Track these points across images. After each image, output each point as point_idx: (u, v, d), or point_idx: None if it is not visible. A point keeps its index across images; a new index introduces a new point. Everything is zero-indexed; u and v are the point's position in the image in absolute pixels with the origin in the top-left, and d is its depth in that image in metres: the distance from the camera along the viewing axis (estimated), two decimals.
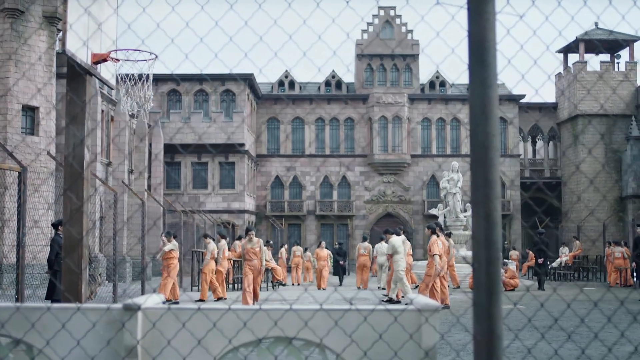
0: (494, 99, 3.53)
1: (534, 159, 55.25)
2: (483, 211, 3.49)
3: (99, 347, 3.66)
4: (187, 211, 30.61)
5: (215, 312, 3.65)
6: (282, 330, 3.59)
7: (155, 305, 3.74)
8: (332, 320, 3.58)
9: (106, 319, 3.71)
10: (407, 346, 3.63)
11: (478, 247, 3.49)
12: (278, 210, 50.37)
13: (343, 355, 3.63)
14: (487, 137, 3.51)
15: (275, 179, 51.48)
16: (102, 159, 34.43)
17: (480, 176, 3.52)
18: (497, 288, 3.46)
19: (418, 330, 3.59)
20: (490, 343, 3.45)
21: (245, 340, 3.65)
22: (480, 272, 3.47)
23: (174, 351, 3.66)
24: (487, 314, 3.46)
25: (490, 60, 3.56)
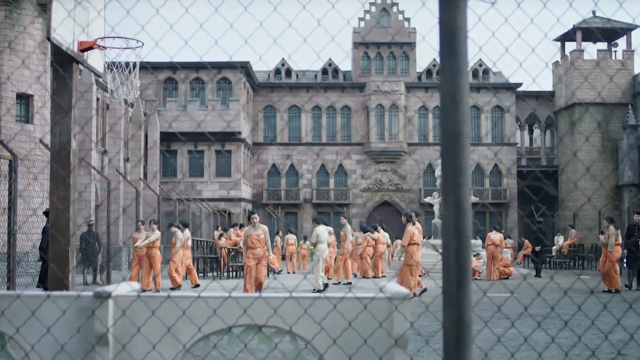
0: (465, 86, 3.51)
1: (531, 147, 55.24)
2: (453, 199, 3.49)
3: (69, 335, 3.66)
4: (182, 199, 30.60)
5: (185, 300, 3.65)
6: (252, 318, 3.59)
7: (126, 293, 3.74)
8: (302, 308, 3.58)
9: (77, 307, 3.71)
10: (378, 334, 3.63)
11: (447, 235, 3.48)
12: (275, 199, 50.38)
13: (313, 342, 3.64)
14: (457, 125, 3.50)
15: (272, 167, 51.48)
16: (98, 148, 34.40)
17: (450, 164, 3.51)
18: (467, 276, 3.45)
19: (388, 318, 3.59)
20: (459, 331, 3.46)
21: (215, 329, 3.65)
22: (449, 260, 3.46)
23: (145, 339, 3.65)
24: (456, 302, 3.46)
25: (460, 48, 3.54)
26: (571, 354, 7.36)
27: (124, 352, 3.68)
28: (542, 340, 8.79)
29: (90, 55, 9.76)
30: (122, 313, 3.65)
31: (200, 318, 3.64)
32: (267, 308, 3.60)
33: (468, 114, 3.54)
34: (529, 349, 8.16)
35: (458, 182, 3.48)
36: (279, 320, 3.59)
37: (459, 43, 3.55)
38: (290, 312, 3.61)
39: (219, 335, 3.68)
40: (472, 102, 52.48)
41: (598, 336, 9.10)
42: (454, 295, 3.45)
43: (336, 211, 50.93)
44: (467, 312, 3.46)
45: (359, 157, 51.70)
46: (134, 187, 22.42)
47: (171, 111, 43.94)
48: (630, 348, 8.25)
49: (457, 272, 3.45)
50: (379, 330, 3.61)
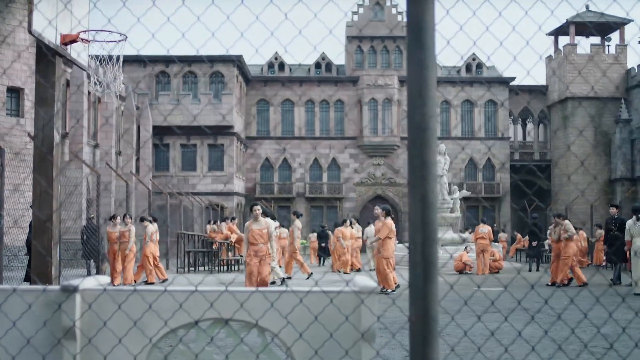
0: (432, 80, 3.50)
1: (524, 141, 55.30)
2: (419, 193, 3.48)
3: (35, 329, 3.65)
4: (174, 193, 30.57)
5: (151, 294, 3.64)
6: (219, 312, 3.59)
7: (93, 286, 3.73)
8: (269, 301, 3.58)
9: (43, 301, 3.70)
10: (345, 328, 3.63)
11: (414, 229, 3.48)
12: (268, 193, 50.35)
13: (281, 336, 3.63)
14: (424, 119, 3.49)
15: (265, 161, 51.44)
16: (90, 141, 34.32)
17: (417, 158, 3.50)
18: (433, 270, 3.45)
19: (354, 312, 3.58)
20: (426, 325, 3.46)
21: (182, 322, 3.64)
22: (415, 253, 3.46)
23: (111, 333, 3.65)
24: (422, 296, 3.46)
25: (428, 42, 3.53)
26: (564, 348, 7.39)
27: (90, 346, 3.67)
28: (527, 334, 8.81)
29: (74, 48, 9.73)
30: (89, 307, 3.64)
31: (168, 312, 3.63)
32: (234, 302, 3.59)
33: (435, 108, 3.52)
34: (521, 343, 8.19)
35: (424, 176, 3.47)
36: (245, 314, 3.58)
37: (427, 36, 3.54)
38: (256, 306, 3.60)
39: (185, 329, 3.68)
40: (465, 96, 52.51)
41: (591, 329, 9.13)
42: (420, 289, 3.45)
43: (329, 205, 50.95)
44: (434, 306, 3.46)
45: (352, 151, 51.70)
46: (125, 181, 22.38)
47: (164, 105, 43.84)
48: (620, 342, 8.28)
49: (424, 266, 3.45)
50: (346, 324, 3.60)
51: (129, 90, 40.05)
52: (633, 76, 50.75)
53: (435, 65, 3.57)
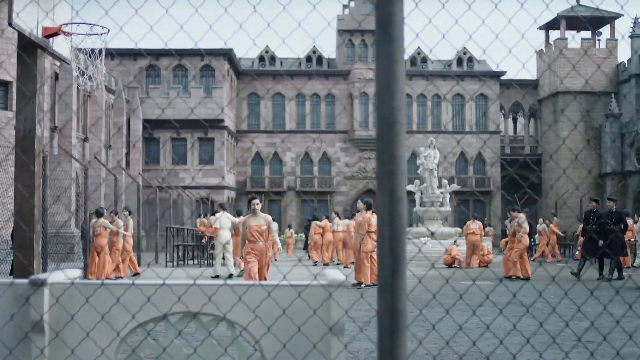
0: (400, 73, 3.50)
1: (515, 135, 55.40)
2: (387, 187, 3.48)
3: (2, 322, 3.64)
4: (163, 187, 30.51)
5: (119, 288, 3.63)
6: (187, 306, 3.58)
7: (61, 280, 3.71)
8: (236, 295, 3.57)
9: (11, 295, 3.68)
10: (314, 321, 3.62)
11: (382, 223, 3.47)
12: (258, 186, 50.30)
13: (250, 329, 3.63)
14: (393, 112, 3.48)
15: (256, 155, 51.39)
16: (79, 135, 34.20)
17: (385, 152, 3.50)
18: (401, 264, 3.45)
19: (322, 305, 3.58)
20: (394, 318, 3.46)
21: (150, 317, 3.63)
22: (384, 248, 3.46)
23: (80, 327, 3.64)
24: (390, 289, 3.46)
25: (396, 35, 3.52)
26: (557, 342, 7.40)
27: (59, 340, 3.66)
28: (509, 327, 8.84)
29: (56, 41, 9.67)
30: (56, 300, 3.63)
31: (137, 306, 3.62)
32: (202, 295, 3.58)
33: (404, 102, 3.52)
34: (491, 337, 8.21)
35: (393, 170, 3.47)
36: (214, 307, 3.58)
37: (395, 29, 3.53)
38: (225, 300, 3.60)
39: (154, 323, 3.67)
40: (456, 90, 52.54)
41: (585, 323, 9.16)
42: (389, 283, 3.45)
43: (320, 199, 50.97)
44: (402, 300, 3.46)
45: (343, 145, 51.70)
46: (113, 175, 22.32)
47: (154, 98, 43.72)
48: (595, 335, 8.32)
49: (392, 260, 3.45)
50: (314, 317, 3.60)
51: (119, 83, 39.91)
52: (623, 70, 50.89)
53: (403, 59, 3.57)
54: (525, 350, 7.16)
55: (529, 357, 6.99)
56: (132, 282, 3.62)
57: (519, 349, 6.74)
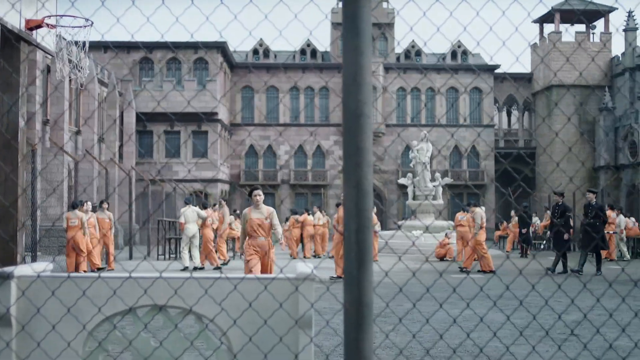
0: (367, 66, 3.48)
1: (509, 129, 55.45)
2: (354, 179, 3.47)
3: None
4: (155, 180, 30.46)
5: (85, 281, 3.62)
6: (152, 299, 3.57)
7: (28, 273, 3.70)
8: (203, 288, 3.57)
9: None
10: (282, 315, 3.62)
11: (348, 216, 3.47)
12: (252, 180, 50.25)
13: (217, 322, 3.63)
14: (359, 105, 3.48)
15: (250, 148, 51.34)
16: (71, 128, 34.12)
17: (352, 144, 3.49)
18: (367, 257, 3.45)
19: (289, 298, 3.58)
20: (360, 311, 3.45)
21: (117, 310, 3.62)
22: (349, 240, 3.45)
23: (46, 321, 3.63)
24: (356, 282, 3.46)
25: (363, 27, 3.51)
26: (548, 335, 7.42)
27: (25, 333, 3.65)
28: (499, 321, 8.87)
29: (40, 33, 9.63)
30: (22, 293, 3.62)
31: (102, 299, 3.62)
32: (168, 288, 3.58)
33: (370, 95, 3.51)
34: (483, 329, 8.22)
35: (359, 163, 3.46)
36: (180, 300, 3.57)
37: (362, 22, 3.52)
38: (191, 292, 3.59)
39: (121, 316, 3.66)
40: (451, 83, 52.53)
41: (578, 314, 9.18)
42: (355, 276, 3.45)
43: (314, 192, 50.96)
44: (368, 293, 3.46)
45: (336, 137, 51.67)
46: (103, 167, 22.28)
47: (147, 91, 43.62)
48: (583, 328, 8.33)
49: (357, 253, 3.44)
50: (282, 310, 3.60)
51: (112, 76, 39.81)
52: (617, 64, 50.92)
53: (370, 51, 3.56)
54: (519, 342, 7.19)
55: (522, 350, 7.01)
56: (98, 275, 3.61)
57: (513, 341, 6.76)
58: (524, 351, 6.92)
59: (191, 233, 19.91)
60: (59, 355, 3.62)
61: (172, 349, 3.63)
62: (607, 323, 7.96)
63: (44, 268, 3.77)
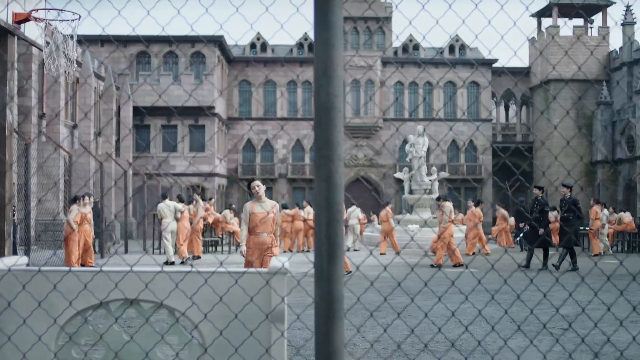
0: (338, 59, 3.48)
1: (507, 123, 55.41)
2: (324, 173, 3.46)
3: None
4: (151, 174, 30.45)
5: (56, 274, 3.61)
6: (123, 293, 3.57)
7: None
8: (173, 282, 3.56)
9: None
10: (254, 309, 3.61)
11: (319, 209, 3.46)
12: (250, 174, 50.21)
13: (190, 315, 3.62)
14: (329, 98, 3.47)
15: (247, 142, 51.30)
16: (67, 122, 34.08)
17: (323, 138, 3.48)
18: (338, 251, 3.44)
19: (259, 292, 3.57)
20: (330, 305, 3.45)
21: (88, 304, 3.62)
22: (320, 234, 3.44)
23: (17, 314, 3.62)
24: (327, 277, 3.45)
25: (334, 20, 3.51)
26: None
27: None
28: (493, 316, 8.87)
29: (27, 26, 9.60)
30: None
31: (74, 293, 3.61)
32: (139, 282, 3.57)
33: (341, 88, 3.51)
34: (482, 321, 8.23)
35: (330, 156, 3.46)
36: (150, 294, 3.56)
37: (333, 15, 3.51)
38: (163, 286, 3.59)
39: (92, 310, 3.65)
40: (448, 77, 52.47)
41: (574, 308, 9.18)
42: (325, 270, 3.44)
43: (312, 186, 50.91)
44: (338, 287, 3.45)
45: None
46: (99, 162, 22.27)
47: (144, 85, 43.56)
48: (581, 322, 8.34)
49: (328, 246, 3.44)
50: (254, 305, 3.59)
51: (109, 70, 39.76)
52: (615, 58, 50.86)
53: (341, 44, 3.55)
54: (517, 335, 7.20)
55: (519, 344, 7.01)
56: (69, 269, 3.61)
57: (511, 335, 6.78)
58: (500, 344, 6.92)
59: (169, 227, 20.11)
60: (30, 350, 3.62)
61: (143, 342, 3.62)
62: (583, 318, 7.97)
63: (14, 262, 3.76)
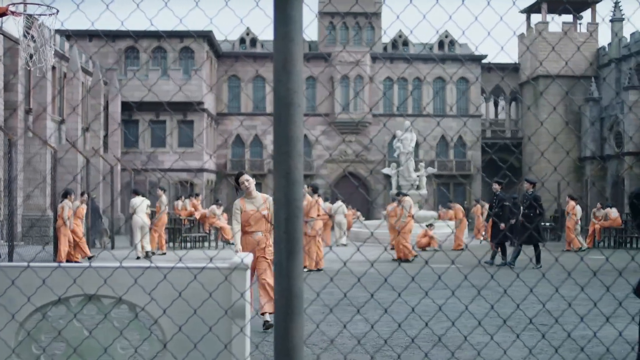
0: (297, 54, 3.46)
1: (496, 119, 55.50)
2: (283, 169, 3.46)
3: None
4: (139, 170, 30.37)
5: (13, 270, 3.60)
6: (82, 288, 3.55)
7: None
8: (132, 277, 3.55)
9: None
10: (214, 305, 3.61)
11: (278, 205, 3.45)
12: (239, 169, 50.01)
13: (150, 310, 3.61)
14: (289, 94, 3.46)
15: (236, 138, 51.22)
16: (54, 117, 33.95)
17: (282, 134, 3.47)
18: (297, 247, 3.43)
19: (218, 288, 3.57)
20: (289, 301, 3.45)
21: (48, 300, 3.60)
22: (279, 230, 3.44)
23: None
24: (286, 273, 3.45)
25: (294, 15, 3.49)
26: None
27: None
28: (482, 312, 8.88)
29: (8, 21, 9.57)
30: None
31: (34, 289, 3.59)
32: (98, 278, 3.56)
33: (301, 83, 3.49)
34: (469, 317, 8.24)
35: (289, 152, 3.45)
36: (109, 289, 3.55)
37: (292, 9, 3.50)
38: (122, 282, 3.58)
39: (51, 306, 3.64)
40: (437, 73, 52.50)
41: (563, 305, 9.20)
42: (284, 266, 3.44)
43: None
44: (297, 283, 3.44)
45: (323, 127, 51.62)
46: (85, 158, 22.20)
47: (132, 80, 43.41)
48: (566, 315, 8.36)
49: (287, 242, 3.43)
50: (212, 300, 3.58)
51: (97, 65, 39.63)
52: (603, 55, 51.01)
53: (301, 39, 3.53)
54: (503, 331, 7.22)
55: (482, 339, 7.03)
56: (27, 264, 3.59)
57: (496, 331, 6.79)
58: (484, 340, 6.95)
59: (140, 223, 20.24)
60: None
61: (103, 338, 3.62)
62: (566, 313, 8.01)
63: None
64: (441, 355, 6.55)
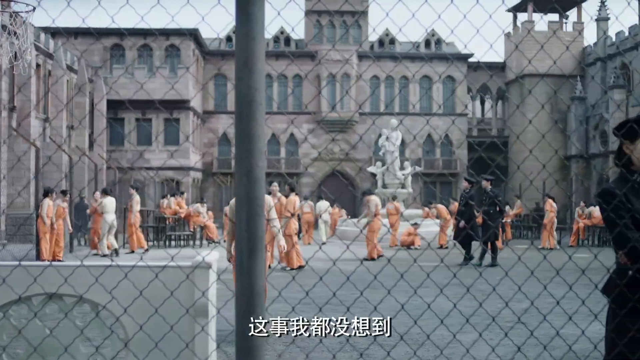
0: (259, 52, 3.46)
1: (483, 117, 55.65)
2: (245, 167, 3.45)
3: None
4: (124, 168, 30.28)
5: None
6: (42, 287, 3.54)
7: None
8: (93, 276, 3.54)
9: None
10: (176, 304, 3.60)
11: (240, 204, 3.45)
12: (225, 167, 50.04)
13: (110, 308, 3.60)
14: (250, 91, 3.45)
15: (223, 136, 51.13)
16: (39, 115, 33.79)
17: (243, 131, 3.46)
18: (259, 245, 3.43)
19: (180, 287, 3.56)
20: (250, 299, 3.44)
21: (8, 299, 3.59)
22: (241, 229, 3.43)
23: None
24: (247, 272, 3.44)
25: (255, 13, 3.49)
26: None
27: None
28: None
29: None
30: None
31: None
32: (58, 276, 3.54)
33: (262, 81, 3.49)
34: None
35: (250, 150, 3.44)
36: (70, 288, 3.54)
37: (254, 8, 3.49)
38: (83, 280, 3.56)
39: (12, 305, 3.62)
40: (424, 72, 52.59)
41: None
42: (246, 265, 3.43)
43: (287, 181, 50.85)
44: (259, 281, 3.44)
45: (309, 126, 51.59)
46: (69, 156, 22.11)
47: (118, 78, 43.25)
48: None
49: (248, 241, 3.43)
50: (174, 299, 3.57)
51: (82, 63, 39.46)
52: (590, 54, 51.23)
53: (263, 37, 3.53)
54: (492, 327, 7.23)
55: (468, 338, 7.05)
56: (18, 263, 3.57)
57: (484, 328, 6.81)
58: (470, 339, 6.96)
59: (110, 221, 20.53)
60: None
61: (64, 337, 3.60)
62: (554, 311, 8.04)
63: None
64: (403, 349, 6.55)
